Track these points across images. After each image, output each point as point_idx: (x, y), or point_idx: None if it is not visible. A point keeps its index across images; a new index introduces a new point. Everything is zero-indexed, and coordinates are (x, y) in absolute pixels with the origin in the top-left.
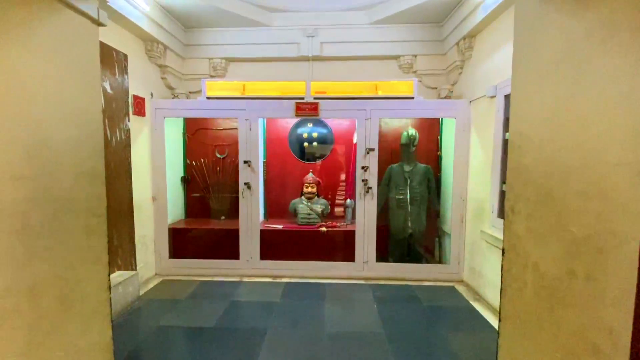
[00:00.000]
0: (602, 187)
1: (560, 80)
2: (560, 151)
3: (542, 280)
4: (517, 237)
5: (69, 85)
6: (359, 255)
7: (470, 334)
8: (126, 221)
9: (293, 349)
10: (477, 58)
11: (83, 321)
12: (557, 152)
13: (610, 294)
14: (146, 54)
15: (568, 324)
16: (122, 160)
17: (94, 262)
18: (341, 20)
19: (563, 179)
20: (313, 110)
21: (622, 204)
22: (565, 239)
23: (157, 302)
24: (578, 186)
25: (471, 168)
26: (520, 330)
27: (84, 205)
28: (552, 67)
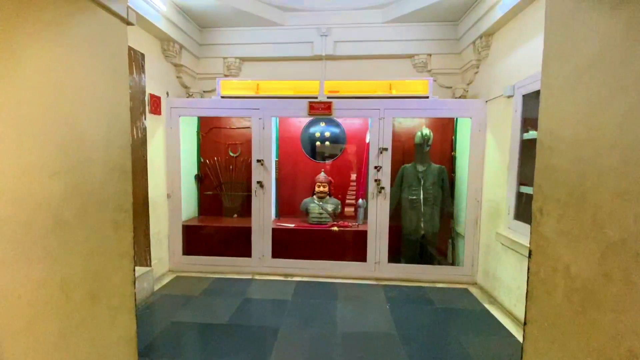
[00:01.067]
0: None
1: (596, 80)
2: (596, 152)
3: (573, 284)
4: (546, 239)
5: (101, 83)
6: (371, 256)
7: (484, 338)
8: (142, 218)
9: (306, 347)
10: (493, 57)
11: (110, 314)
12: (593, 152)
13: None
14: (162, 53)
15: (602, 328)
16: (138, 157)
17: (121, 256)
18: (355, 19)
19: (599, 179)
20: (326, 109)
21: None
22: (601, 241)
23: (171, 298)
24: (615, 187)
25: (486, 169)
26: (547, 335)
27: (113, 201)
28: (586, 66)
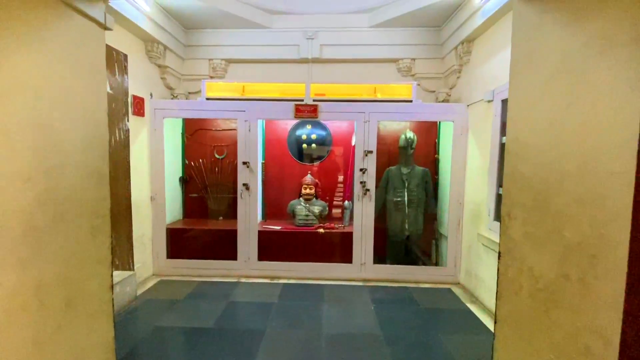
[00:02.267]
0: (597, 194)
1: (558, 90)
2: (557, 158)
3: (537, 284)
4: (513, 241)
5: (77, 88)
6: (357, 257)
7: (466, 336)
8: (124, 221)
9: (290, 350)
10: (475, 62)
11: (87, 320)
12: (554, 159)
13: (602, 298)
14: (146, 54)
15: (562, 326)
16: (120, 160)
17: (98, 262)
18: (341, 23)
19: (559, 185)
20: (312, 112)
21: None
22: (560, 244)
23: (155, 302)
24: (573, 193)
25: (468, 171)
26: (515, 333)
27: (89, 206)
28: (549, 76)
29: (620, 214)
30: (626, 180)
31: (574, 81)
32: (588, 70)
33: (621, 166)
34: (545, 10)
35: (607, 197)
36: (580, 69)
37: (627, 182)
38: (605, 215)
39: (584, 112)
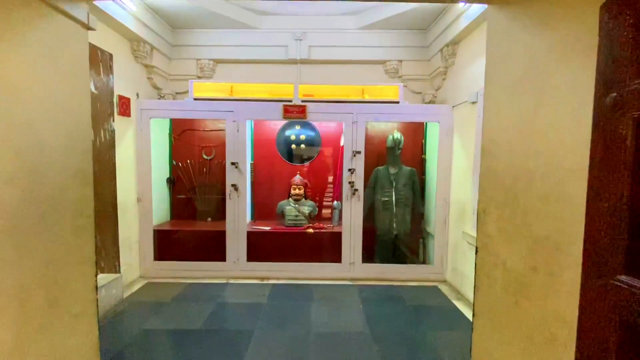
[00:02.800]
0: (559, 191)
1: (526, 93)
2: (525, 157)
3: (509, 277)
4: (489, 237)
5: (59, 88)
6: (346, 257)
7: (451, 332)
8: (110, 223)
9: (279, 350)
10: (459, 65)
11: (71, 321)
12: (523, 158)
13: (565, 287)
14: (132, 53)
15: (531, 315)
16: (106, 161)
17: (82, 263)
18: (329, 24)
19: (528, 183)
20: (301, 113)
21: (574, 206)
22: (529, 238)
23: (142, 305)
24: (540, 190)
25: (454, 171)
26: (490, 324)
27: (73, 206)
28: (519, 80)
29: (579, 209)
30: (582, 178)
31: (540, 84)
32: (552, 74)
33: (579, 164)
34: (515, 17)
35: (568, 194)
36: (545, 73)
37: (583, 179)
38: (566, 210)
39: (549, 113)
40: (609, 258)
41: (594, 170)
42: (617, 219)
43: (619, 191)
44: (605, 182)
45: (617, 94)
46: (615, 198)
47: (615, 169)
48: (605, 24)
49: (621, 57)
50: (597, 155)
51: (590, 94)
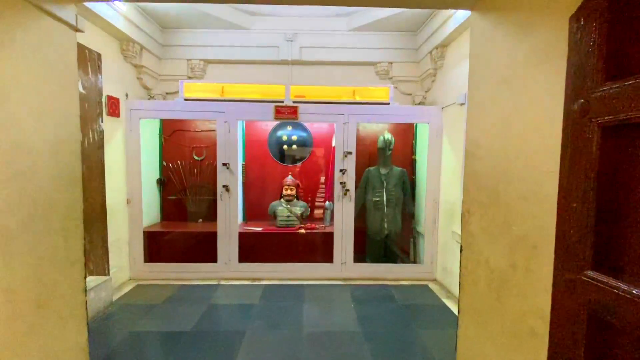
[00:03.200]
0: (536, 191)
1: (507, 97)
2: (506, 159)
3: (492, 274)
4: (472, 236)
5: (47, 89)
6: (337, 257)
7: (442, 331)
8: (99, 224)
9: (271, 350)
10: (448, 67)
11: (59, 323)
12: (503, 160)
13: (543, 283)
14: (121, 53)
15: (511, 311)
16: (95, 162)
17: (70, 265)
18: (320, 26)
19: (508, 184)
20: (292, 113)
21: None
22: (509, 237)
23: (132, 308)
24: (519, 190)
25: (443, 171)
26: (474, 321)
27: (61, 208)
28: (500, 84)
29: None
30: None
31: (519, 89)
32: (530, 79)
33: (554, 166)
34: (496, 24)
35: (544, 194)
36: (524, 78)
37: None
38: (543, 210)
39: (527, 117)
40: (577, 255)
41: (564, 172)
42: (585, 218)
43: (587, 192)
44: (574, 183)
45: (584, 101)
46: (583, 198)
47: (582, 172)
48: (573, 34)
49: (587, 65)
50: (566, 159)
51: (563, 100)
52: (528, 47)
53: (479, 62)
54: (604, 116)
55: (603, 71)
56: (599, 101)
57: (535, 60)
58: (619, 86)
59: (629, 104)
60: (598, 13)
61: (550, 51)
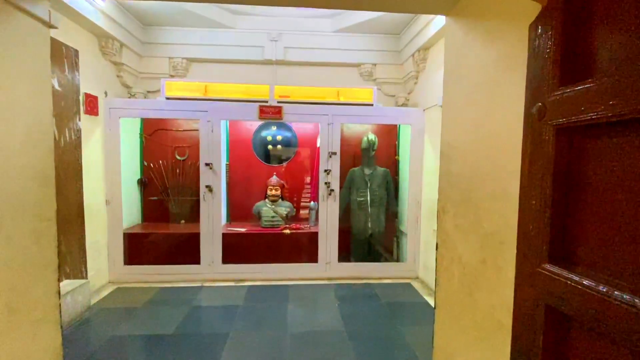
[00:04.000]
0: (504, 190)
1: (478, 100)
2: (477, 160)
3: (464, 270)
4: (447, 233)
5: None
6: (322, 256)
7: (423, 327)
8: (76, 226)
9: (255, 351)
10: (430, 69)
11: (32, 326)
12: (475, 160)
13: (509, 278)
14: (100, 50)
15: (481, 305)
16: (71, 161)
17: (43, 267)
18: (305, 26)
19: (479, 183)
20: (277, 114)
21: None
22: (480, 234)
23: (111, 311)
24: (489, 189)
25: (425, 171)
26: (449, 315)
27: (33, 209)
28: (472, 88)
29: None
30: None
31: (489, 93)
32: (499, 84)
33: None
34: (469, 30)
35: (510, 192)
36: (494, 83)
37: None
38: (509, 208)
39: (496, 120)
40: (536, 249)
41: (524, 171)
42: (542, 214)
43: (543, 190)
44: (533, 182)
45: (541, 104)
46: (540, 196)
47: (540, 171)
48: (532, 42)
49: (544, 71)
50: (526, 158)
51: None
52: (496, 52)
53: (453, 67)
54: (558, 119)
55: (557, 76)
56: (554, 105)
57: (503, 66)
58: (571, 91)
59: (579, 107)
60: (553, 22)
61: (515, 57)
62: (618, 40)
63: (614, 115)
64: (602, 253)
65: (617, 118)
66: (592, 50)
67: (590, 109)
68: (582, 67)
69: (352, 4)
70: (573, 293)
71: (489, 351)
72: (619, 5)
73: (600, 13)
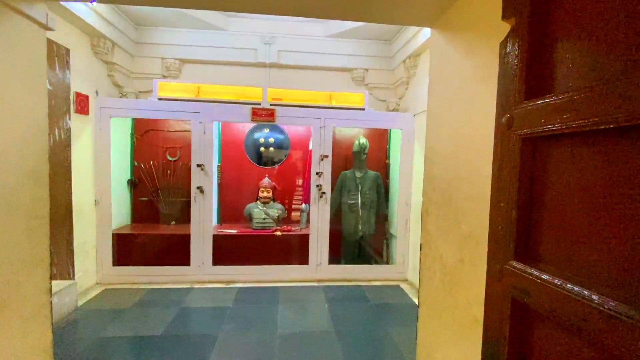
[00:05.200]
0: (479, 193)
1: (458, 108)
2: (457, 164)
3: (445, 269)
4: (430, 234)
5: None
6: (313, 258)
7: (410, 328)
8: (63, 226)
9: (243, 353)
10: (420, 76)
11: (22, 324)
12: (455, 165)
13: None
14: (92, 49)
15: (459, 302)
16: (60, 161)
17: (34, 265)
18: (298, 30)
19: (458, 186)
20: (269, 116)
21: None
22: (458, 234)
23: (98, 313)
24: (466, 192)
25: (415, 175)
26: (431, 312)
27: (26, 207)
28: (453, 96)
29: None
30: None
31: (468, 102)
32: (476, 93)
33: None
34: (450, 41)
35: (485, 196)
36: (472, 92)
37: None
38: (484, 210)
39: (473, 127)
40: (503, 247)
41: (495, 176)
42: (509, 215)
43: (510, 193)
44: (502, 186)
45: (509, 115)
46: (507, 199)
47: (508, 175)
48: (502, 58)
49: (512, 85)
50: (497, 164)
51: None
52: (473, 65)
53: (436, 76)
54: (523, 129)
55: (523, 91)
56: (520, 116)
57: (479, 77)
58: (533, 104)
59: (540, 119)
60: (520, 41)
61: (489, 70)
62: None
63: (567, 128)
64: (559, 250)
65: (569, 130)
66: (552, 68)
67: (549, 121)
68: (543, 83)
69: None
70: (534, 287)
71: (466, 345)
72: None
73: (561, 35)
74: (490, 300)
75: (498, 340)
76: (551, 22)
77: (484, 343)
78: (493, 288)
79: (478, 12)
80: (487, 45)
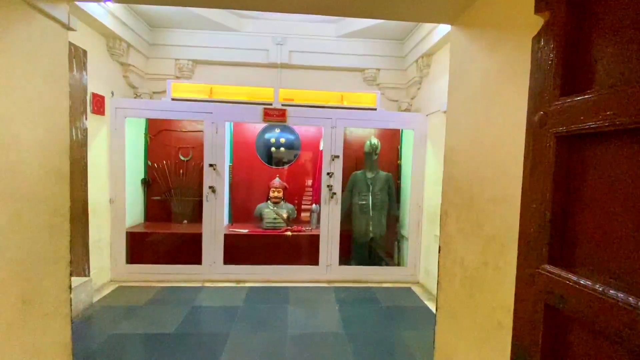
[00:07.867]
0: (506, 194)
1: (480, 107)
2: (479, 165)
3: (466, 272)
4: (450, 236)
5: (38, 87)
6: (323, 259)
7: (423, 332)
8: (80, 224)
9: (254, 352)
10: (433, 75)
11: (43, 320)
12: (477, 165)
13: (508, 279)
14: (108, 51)
15: (482, 306)
16: (77, 160)
17: (55, 262)
18: (310, 31)
19: (481, 187)
20: (281, 116)
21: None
22: (481, 237)
23: (112, 309)
24: (490, 194)
25: (427, 176)
26: (450, 316)
27: (48, 205)
28: (475, 95)
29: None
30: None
31: (491, 100)
32: (501, 92)
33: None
34: (473, 39)
35: (512, 197)
36: (495, 91)
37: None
38: (510, 212)
39: (497, 126)
40: (536, 251)
41: (526, 176)
42: (542, 217)
43: (544, 195)
44: (534, 187)
45: (543, 113)
46: (540, 200)
47: (541, 176)
48: (535, 53)
49: (546, 81)
50: (528, 164)
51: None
52: (498, 62)
53: (457, 74)
54: (559, 127)
55: (558, 87)
56: (555, 114)
57: (504, 75)
58: (571, 101)
59: (578, 117)
60: (555, 36)
61: (517, 67)
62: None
63: (609, 125)
64: (598, 254)
65: (612, 128)
66: (591, 63)
67: (589, 119)
68: (581, 79)
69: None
70: (571, 292)
71: (489, 351)
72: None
73: (599, 28)
74: (520, 306)
75: (529, 346)
76: (589, 13)
77: (514, 351)
78: (523, 293)
79: (504, 8)
80: (514, 41)
